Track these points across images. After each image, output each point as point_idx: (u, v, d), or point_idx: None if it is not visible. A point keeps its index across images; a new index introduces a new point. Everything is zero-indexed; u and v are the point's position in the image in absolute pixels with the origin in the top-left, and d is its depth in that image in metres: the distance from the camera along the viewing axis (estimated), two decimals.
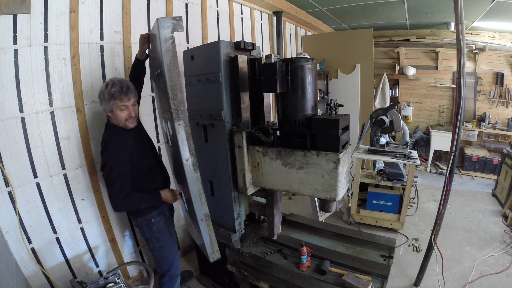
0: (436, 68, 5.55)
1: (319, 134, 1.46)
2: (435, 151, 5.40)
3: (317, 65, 4.37)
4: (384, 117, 2.90)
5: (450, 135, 2.02)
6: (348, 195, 3.39)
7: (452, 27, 4.69)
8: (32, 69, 1.69)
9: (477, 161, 4.94)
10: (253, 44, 1.87)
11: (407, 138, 3.25)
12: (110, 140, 1.61)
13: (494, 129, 5.04)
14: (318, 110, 1.62)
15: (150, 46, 1.71)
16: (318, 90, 4.44)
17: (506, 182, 3.68)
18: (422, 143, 5.65)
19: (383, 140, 3.15)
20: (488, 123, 5.06)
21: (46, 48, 1.74)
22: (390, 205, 3.19)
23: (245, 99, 1.83)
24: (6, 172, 1.60)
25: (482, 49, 5.08)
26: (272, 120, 1.96)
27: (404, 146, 3.14)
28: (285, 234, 2.13)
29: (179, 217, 2.70)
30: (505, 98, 5.09)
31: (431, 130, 5.34)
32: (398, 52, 5.71)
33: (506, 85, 5.05)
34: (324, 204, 1.73)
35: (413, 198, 3.27)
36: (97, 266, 2.10)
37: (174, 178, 2.05)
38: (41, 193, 1.78)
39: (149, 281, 1.74)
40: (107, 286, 1.61)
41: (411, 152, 3.01)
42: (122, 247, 2.26)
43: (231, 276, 2.08)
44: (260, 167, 1.70)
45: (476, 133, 5.18)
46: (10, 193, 1.63)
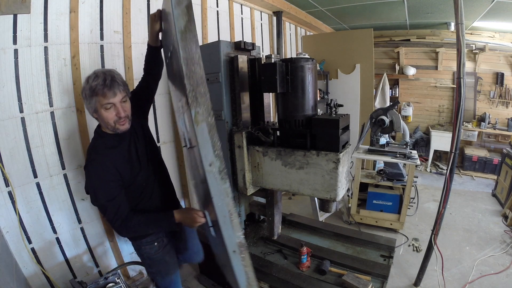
0: (436, 68, 5.55)
1: (319, 134, 1.46)
2: (435, 151, 5.40)
3: (317, 65, 4.37)
4: (384, 117, 2.90)
5: (450, 135, 2.02)
6: (348, 195, 3.39)
7: (452, 27, 4.69)
8: (32, 69, 1.69)
9: (477, 161, 4.93)
10: (253, 44, 1.87)
11: (407, 138, 3.25)
12: (91, 156, 1.27)
13: (494, 129, 5.04)
14: (318, 110, 1.62)
15: (163, 26, 1.33)
16: (318, 90, 4.44)
17: (506, 182, 3.68)
18: (422, 143, 5.65)
19: (383, 140, 3.15)
20: (488, 123, 5.06)
21: (46, 48, 1.74)
22: (390, 205, 3.19)
23: (245, 99, 1.83)
24: (6, 172, 1.60)
25: (482, 49, 5.08)
26: (272, 120, 1.96)
27: (404, 146, 3.14)
28: (285, 234, 2.13)
29: None
30: (505, 98, 5.09)
31: (431, 130, 5.34)
32: (398, 52, 5.71)
33: (506, 85, 5.04)
34: (324, 204, 1.73)
35: (413, 198, 3.27)
36: (97, 266, 2.10)
37: (195, 193, 1.65)
38: (41, 193, 1.78)
39: (149, 281, 1.74)
40: (107, 286, 1.61)
41: (411, 152, 3.00)
42: (122, 247, 2.26)
43: None
44: (260, 167, 1.70)
45: (476, 133, 5.17)
46: (10, 193, 1.63)
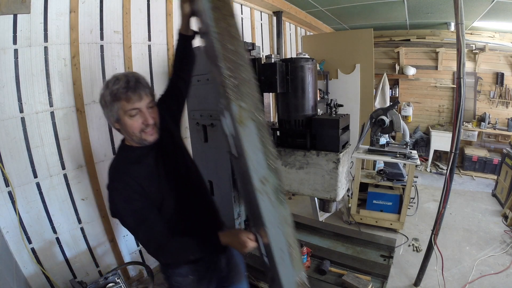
0: (436, 68, 5.55)
1: (319, 134, 1.46)
2: (435, 151, 5.40)
3: (317, 65, 4.37)
4: (384, 117, 2.90)
5: (450, 135, 2.02)
6: (348, 195, 3.39)
7: (452, 27, 4.69)
8: (32, 69, 1.69)
9: (477, 161, 4.93)
10: (253, 44, 1.86)
11: (407, 138, 3.25)
12: (112, 175, 1.08)
13: (494, 129, 5.04)
14: (318, 110, 1.62)
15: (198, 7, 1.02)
16: (318, 90, 4.44)
17: (506, 182, 3.68)
18: (422, 143, 5.65)
19: (383, 140, 3.15)
20: (488, 123, 5.05)
21: (46, 48, 1.74)
22: (390, 205, 3.19)
23: None
24: (6, 172, 1.60)
25: (482, 49, 5.07)
26: (272, 120, 1.96)
27: (404, 146, 3.14)
28: None
29: None
30: (505, 98, 5.08)
31: (431, 130, 5.33)
32: (398, 52, 5.71)
33: (506, 85, 5.04)
34: (324, 204, 1.73)
35: (413, 198, 3.27)
36: (97, 266, 2.10)
37: (244, 204, 1.38)
38: (41, 193, 1.78)
39: (149, 281, 1.74)
40: (107, 286, 1.61)
41: (411, 152, 3.00)
42: (122, 247, 2.26)
43: None
44: None
45: (476, 133, 5.17)
46: (10, 193, 1.63)
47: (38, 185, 1.76)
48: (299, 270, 0.80)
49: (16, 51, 1.62)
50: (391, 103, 3.09)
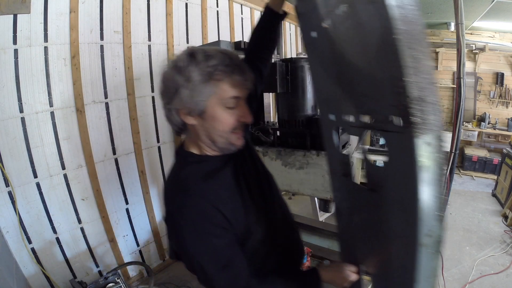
0: (436, 68, 5.55)
1: (319, 134, 1.46)
2: None
3: None
4: None
5: (450, 135, 2.02)
6: None
7: (452, 27, 4.69)
8: (32, 69, 1.69)
9: (477, 161, 4.93)
10: None
11: None
12: (176, 199, 0.75)
13: (494, 129, 5.04)
14: (318, 110, 1.62)
15: None
16: None
17: (506, 182, 3.68)
18: None
19: (383, 140, 3.16)
20: (488, 123, 5.06)
21: (46, 48, 1.74)
22: None
23: None
24: (6, 172, 1.60)
25: (482, 49, 5.07)
26: (272, 120, 1.96)
27: None
28: None
29: None
30: (505, 98, 5.09)
31: None
32: None
33: (506, 85, 5.04)
34: (324, 204, 1.73)
35: None
36: (97, 266, 2.10)
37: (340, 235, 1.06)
38: (41, 193, 1.78)
39: (149, 281, 1.74)
40: (107, 286, 1.62)
41: None
42: (122, 247, 2.26)
43: None
44: None
45: (476, 133, 5.17)
46: (10, 193, 1.63)
47: (38, 185, 1.77)
48: None
49: (16, 51, 1.62)
50: None
